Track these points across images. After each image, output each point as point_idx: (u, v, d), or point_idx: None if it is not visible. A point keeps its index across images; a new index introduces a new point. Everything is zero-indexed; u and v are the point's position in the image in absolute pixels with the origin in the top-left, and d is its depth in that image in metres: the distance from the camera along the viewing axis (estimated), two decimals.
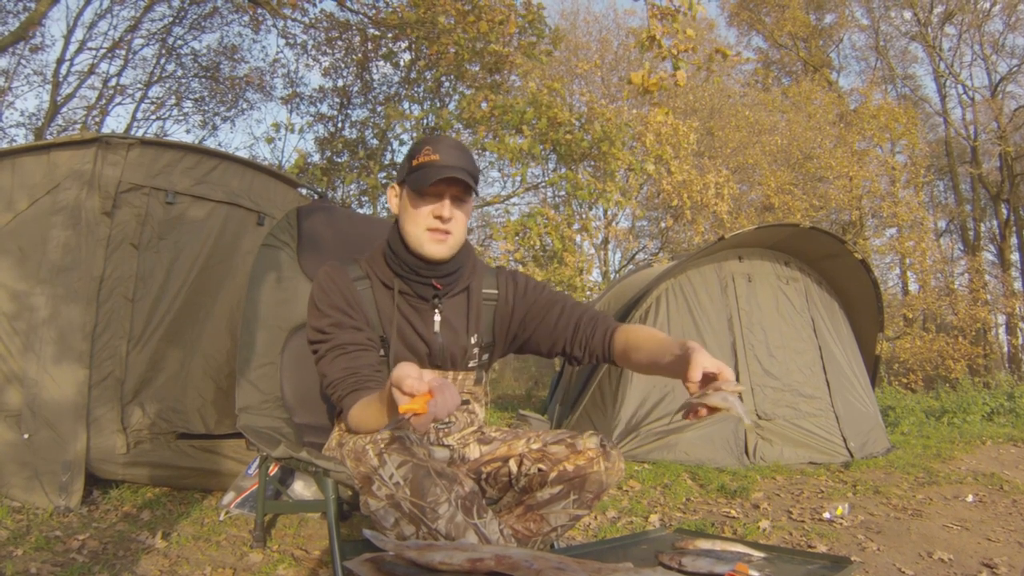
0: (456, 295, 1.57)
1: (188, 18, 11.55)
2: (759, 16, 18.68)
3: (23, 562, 1.89)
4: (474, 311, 1.58)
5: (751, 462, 4.29)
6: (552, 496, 1.46)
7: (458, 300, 1.57)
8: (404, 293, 1.51)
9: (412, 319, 1.52)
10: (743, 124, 12.98)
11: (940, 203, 19.33)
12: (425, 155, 1.43)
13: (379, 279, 1.53)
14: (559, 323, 1.56)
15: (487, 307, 1.61)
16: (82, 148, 2.63)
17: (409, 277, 1.50)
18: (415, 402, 1.07)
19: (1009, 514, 3.25)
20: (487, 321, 1.61)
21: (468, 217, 1.53)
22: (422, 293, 1.52)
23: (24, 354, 2.47)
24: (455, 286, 1.55)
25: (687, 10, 4.53)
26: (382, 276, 1.53)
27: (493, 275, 1.65)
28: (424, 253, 1.46)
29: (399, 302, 1.51)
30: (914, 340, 12.92)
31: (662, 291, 4.74)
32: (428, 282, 1.50)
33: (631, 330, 1.50)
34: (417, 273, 1.49)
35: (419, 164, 1.44)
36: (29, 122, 11.66)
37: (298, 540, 2.34)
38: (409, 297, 1.52)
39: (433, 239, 1.44)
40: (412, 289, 1.51)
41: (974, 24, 17.18)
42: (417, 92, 9.22)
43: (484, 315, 1.60)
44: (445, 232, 1.45)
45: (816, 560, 1.49)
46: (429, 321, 1.53)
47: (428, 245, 1.45)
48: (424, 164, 1.43)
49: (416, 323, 1.52)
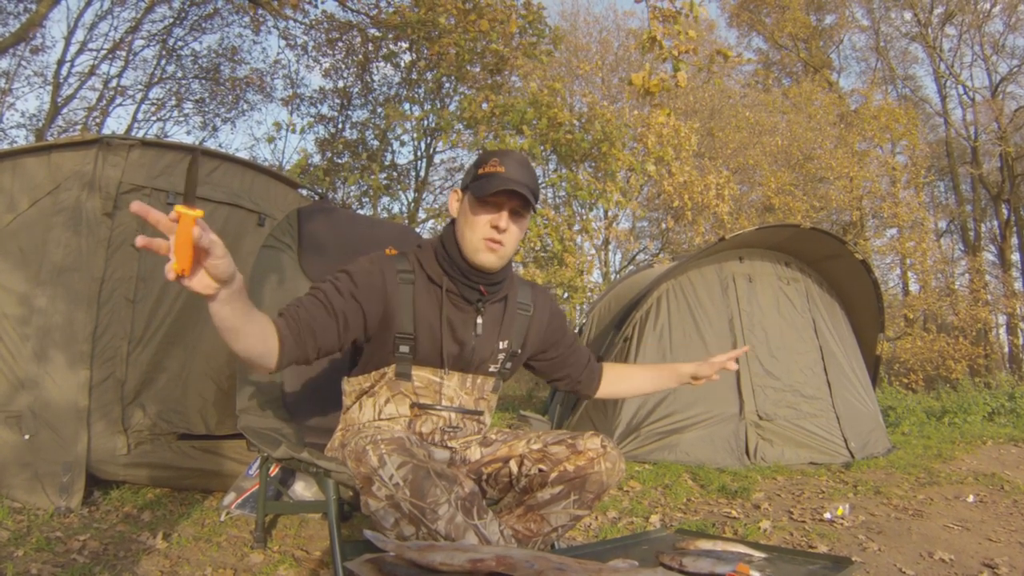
0: (496, 302, 1.60)
1: (189, 19, 11.59)
2: (759, 17, 18.69)
3: (24, 563, 1.89)
4: (508, 319, 1.61)
5: (752, 462, 4.28)
6: (553, 496, 1.47)
7: (497, 307, 1.60)
8: (450, 292, 1.54)
9: (454, 319, 1.54)
10: (744, 125, 12.99)
11: (941, 203, 19.34)
12: (492, 166, 1.47)
13: (426, 274, 1.55)
14: (570, 359, 1.77)
15: (521, 318, 1.65)
16: (83, 149, 2.63)
17: (458, 278, 1.53)
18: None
19: (1010, 514, 3.25)
20: (519, 331, 1.65)
21: (522, 233, 1.56)
22: (467, 296, 1.54)
23: (25, 355, 2.47)
24: (497, 294, 1.58)
25: (688, 11, 4.53)
26: (431, 272, 1.54)
27: (528, 289, 1.70)
28: (476, 261, 1.49)
29: (445, 301, 1.54)
30: (915, 340, 12.93)
31: (663, 292, 4.74)
32: (476, 287, 1.53)
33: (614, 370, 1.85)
34: (467, 277, 1.52)
35: (484, 173, 1.47)
36: (30, 123, 11.70)
37: (299, 541, 2.34)
38: (454, 296, 1.55)
39: (487, 248, 1.48)
40: (459, 290, 1.54)
41: (974, 25, 17.19)
42: (418, 93, 9.23)
43: (517, 324, 1.64)
44: (499, 243, 1.48)
45: (817, 560, 1.49)
46: (471, 323, 1.56)
47: (482, 254, 1.48)
48: (489, 174, 1.46)
49: (457, 324, 1.54)
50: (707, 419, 4.39)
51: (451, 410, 1.57)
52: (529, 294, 1.69)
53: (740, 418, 4.43)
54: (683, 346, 4.61)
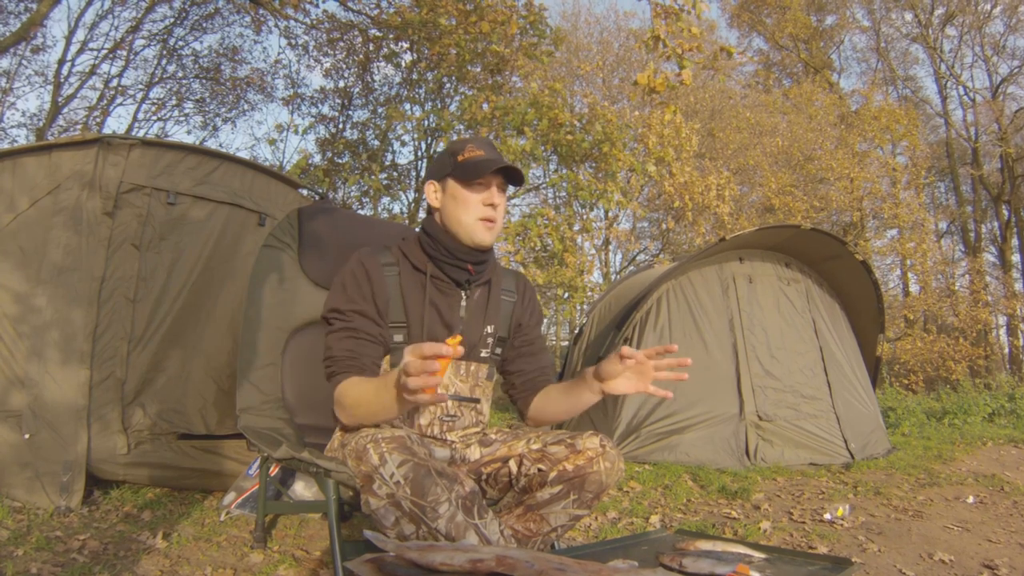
0: (480, 285, 1.65)
1: (189, 19, 11.57)
2: (760, 18, 18.69)
3: (24, 562, 1.89)
4: (494, 303, 1.66)
5: (752, 463, 4.28)
6: (552, 496, 1.47)
7: (481, 291, 1.65)
8: (435, 278, 1.59)
9: (439, 303, 1.59)
10: (744, 126, 13.00)
11: (941, 204, 19.34)
12: (470, 151, 1.56)
13: (410, 263, 1.60)
14: (527, 357, 1.72)
15: (505, 303, 1.70)
16: (83, 149, 2.63)
17: (445, 260, 1.58)
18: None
19: (1010, 515, 3.25)
20: (505, 316, 1.69)
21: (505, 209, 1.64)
22: (455, 276, 1.59)
23: (25, 355, 2.47)
24: (482, 276, 1.63)
25: (691, 8, 4.53)
26: (415, 260, 1.60)
27: (512, 277, 1.77)
28: (476, 240, 1.56)
29: (429, 286, 1.58)
30: (915, 341, 12.93)
31: (663, 292, 4.74)
32: (464, 266, 1.58)
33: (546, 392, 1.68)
34: (455, 256, 1.57)
35: (467, 159, 1.56)
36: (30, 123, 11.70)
37: (299, 541, 2.34)
38: (439, 282, 1.59)
39: (484, 226, 1.56)
40: (445, 273, 1.59)
41: (975, 26, 17.19)
42: (418, 93, 9.23)
43: (503, 309, 1.69)
44: (493, 220, 1.56)
45: (817, 561, 1.48)
46: (456, 305, 1.60)
47: (480, 233, 1.56)
48: (474, 159, 1.55)
49: (442, 307, 1.59)
50: (707, 420, 4.39)
51: (448, 398, 1.57)
52: (513, 282, 1.74)
53: (740, 419, 4.43)
54: (683, 346, 4.58)
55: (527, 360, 1.71)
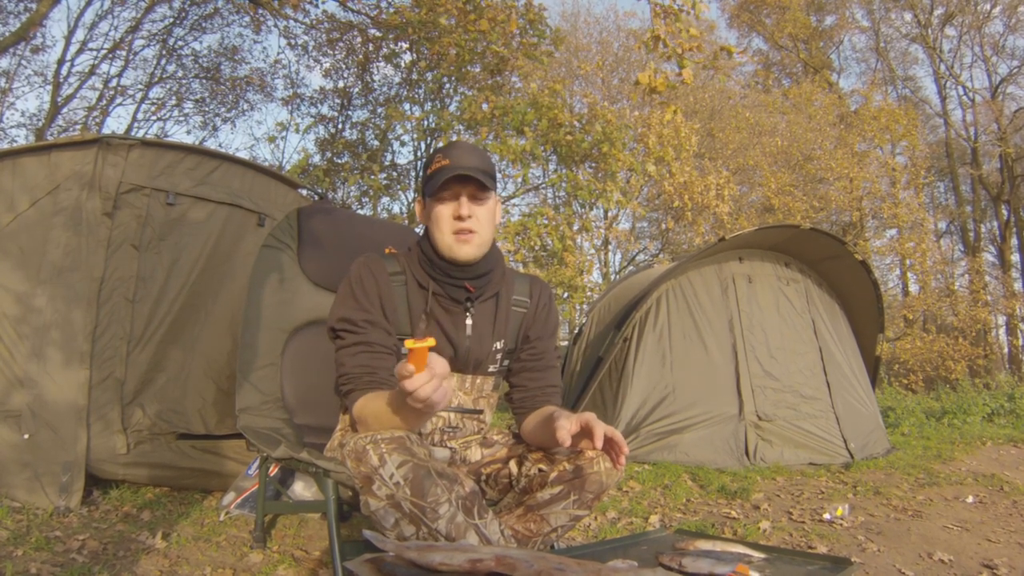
0: (487, 300, 1.58)
1: (189, 19, 11.56)
2: (759, 18, 18.70)
3: (23, 562, 1.89)
4: (502, 317, 1.60)
5: (751, 463, 4.28)
6: (552, 496, 1.46)
7: (488, 305, 1.59)
8: (437, 295, 1.54)
9: (443, 321, 1.54)
10: (744, 126, 13.00)
11: (940, 204, 19.34)
12: (437, 162, 1.48)
13: (415, 278, 1.55)
14: (533, 371, 1.64)
15: (516, 314, 1.63)
16: (83, 149, 2.63)
17: (443, 280, 1.52)
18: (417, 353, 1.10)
19: (1009, 515, 3.25)
20: (514, 327, 1.63)
21: (493, 216, 1.55)
22: (455, 296, 1.53)
23: (25, 355, 2.47)
24: (486, 290, 1.57)
25: (690, 9, 4.54)
26: (418, 276, 1.55)
27: (527, 282, 1.68)
28: (455, 256, 1.48)
29: (432, 303, 1.53)
30: (914, 341, 12.94)
31: (662, 292, 4.74)
32: (461, 284, 1.52)
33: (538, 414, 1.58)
34: (450, 276, 1.51)
35: (431, 172, 1.48)
36: (30, 123, 11.68)
37: (298, 541, 2.34)
38: (442, 299, 1.54)
39: (459, 240, 1.47)
40: (445, 291, 1.53)
41: (974, 26, 17.20)
42: (418, 93, 9.23)
43: (512, 321, 1.62)
44: (469, 231, 1.47)
45: (816, 561, 1.48)
46: (460, 324, 1.55)
47: (456, 248, 1.48)
48: (435, 171, 1.47)
49: (447, 325, 1.54)
50: (707, 420, 4.39)
51: (450, 410, 1.57)
52: (527, 289, 1.66)
53: (740, 419, 4.43)
54: (682, 346, 4.61)
55: (531, 376, 1.64)
